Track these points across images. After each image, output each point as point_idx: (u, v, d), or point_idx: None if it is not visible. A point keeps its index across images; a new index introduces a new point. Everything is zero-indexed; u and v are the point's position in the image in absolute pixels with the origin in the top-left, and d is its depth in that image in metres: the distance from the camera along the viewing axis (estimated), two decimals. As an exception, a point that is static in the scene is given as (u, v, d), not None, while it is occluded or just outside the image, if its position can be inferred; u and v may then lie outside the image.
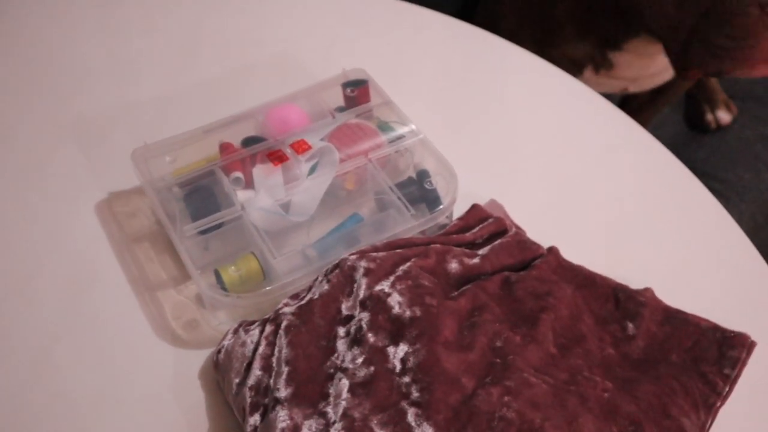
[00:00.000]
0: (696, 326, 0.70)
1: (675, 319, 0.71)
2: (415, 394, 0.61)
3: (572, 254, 0.74)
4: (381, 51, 0.97)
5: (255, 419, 0.63)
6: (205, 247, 0.74)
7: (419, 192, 0.77)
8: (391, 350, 0.63)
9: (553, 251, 0.74)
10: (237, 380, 0.65)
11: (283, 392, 0.62)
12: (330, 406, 0.61)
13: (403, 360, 0.62)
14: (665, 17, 0.87)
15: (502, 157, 0.86)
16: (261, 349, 0.65)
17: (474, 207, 0.78)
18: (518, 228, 0.77)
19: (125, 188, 0.81)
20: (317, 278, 0.69)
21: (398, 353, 0.63)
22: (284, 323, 0.66)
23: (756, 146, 1.32)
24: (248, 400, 0.63)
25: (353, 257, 0.69)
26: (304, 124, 0.80)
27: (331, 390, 0.62)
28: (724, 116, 1.34)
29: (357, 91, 0.82)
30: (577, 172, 0.85)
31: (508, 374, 0.62)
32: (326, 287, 0.68)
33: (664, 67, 0.97)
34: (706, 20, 0.85)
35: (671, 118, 1.37)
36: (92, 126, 0.87)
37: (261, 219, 0.73)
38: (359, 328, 0.64)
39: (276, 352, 0.65)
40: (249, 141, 0.78)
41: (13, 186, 0.82)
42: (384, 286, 0.66)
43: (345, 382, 0.62)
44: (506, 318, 0.68)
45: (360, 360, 0.63)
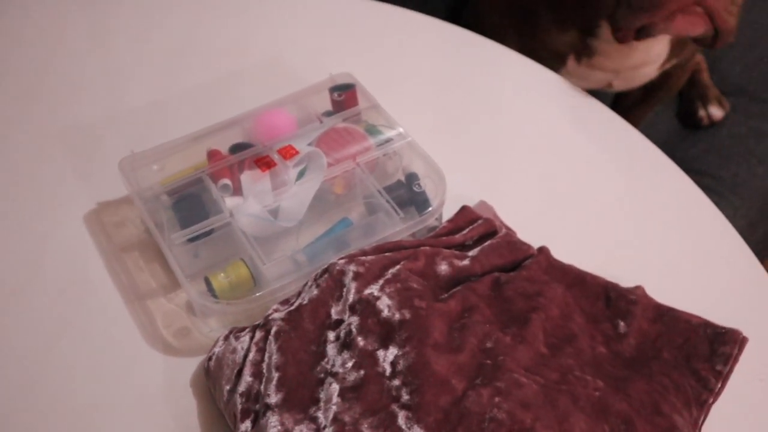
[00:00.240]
0: (687, 323, 0.70)
1: (666, 317, 0.71)
2: (406, 397, 0.61)
3: (563, 254, 0.74)
4: (368, 55, 0.97)
5: (246, 426, 0.62)
6: (195, 255, 0.74)
7: (408, 195, 0.77)
8: (381, 354, 0.63)
9: (544, 251, 0.74)
10: (228, 387, 0.65)
11: (274, 398, 0.62)
12: (320, 411, 0.61)
13: (393, 363, 0.62)
14: None
15: (492, 159, 0.86)
16: (251, 356, 0.65)
17: (463, 209, 0.78)
18: (508, 229, 0.77)
19: (114, 198, 0.80)
20: (307, 283, 0.69)
21: (388, 356, 0.63)
22: (274, 329, 0.66)
23: (749, 141, 1.32)
24: (239, 407, 0.63)
25: (342, 261, 0.69)
26: (292, 130, 0.80)
27: (322, 395, 0.62)
28: (717, 112, 1.34)
29: (344, 96, 0.82)
30: (567, 172, 0.85)
31: (499, 375, 0.62)
32: (316, 292, 0.67)
33: (645, 60, 0.97)
34: None
35: (664, 116, 1.37)
36: (80, 135, 0.87)
37: (250, 225, 0.73)
38: (349, 332, 0.64)
39: (266, 358, 0.65)
40: (237, 147, 0.78)
41: (2, 196, 0.82)
42: (373, 290, 0.66)
43: (335, 387, 0.62)
44: (496, 319, 0.67)
45: (350, 364, 0.63)
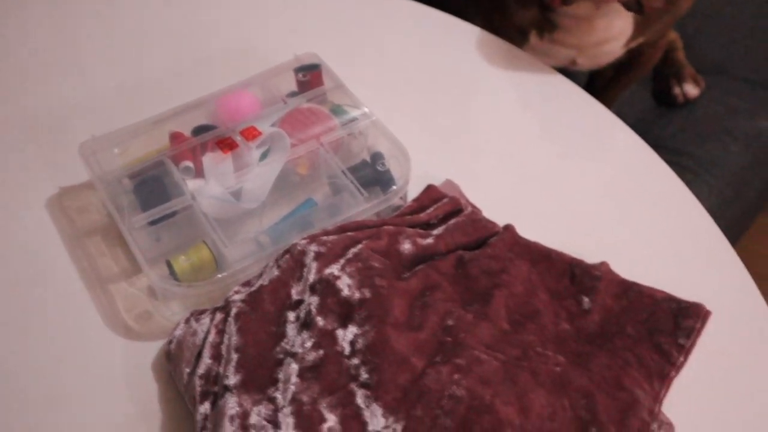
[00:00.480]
0: (651, 298, 0.70)
1: (631, 292, 0.71)
2: (364, 376, 0.60)
3: (529, 232, 0.74)
4: (333, 35, 0.96)
5: (205, 408, 0.62)
6: (157, 238, 0.73)
7: (373, 174, 0.77)
8: (340, 333, 0.63)
9: (509, 229, 0.74)
10: (188, 369, 0.64)
11: (233, 379, 0.62)
12: (279, 392, 0.61)
13: (352, 342, 0.62)
14: None
15: (458, 137, 0.86)
16: (211, 338, 0.65)
17: (429, 188, 0.77)
18: (474, 207, 0.77)
19: (76, 183, 0.80)
20: (268, 264, 0.69)
21: (347, 336, 0.62)
22: (234, 311, 0.65)
23: (724, 120, 1.31)
24: (198, 389, 0.63)
25: (303, 242, 0.68)
26: (256, 111, 0.79)
27: (281, 375, 0.62)
28: (692, 90, 1.33)
29: (309, 76, 0.82)
30: (534, 150, 0.85)
31: (459, 352, 0.62)
32: (276, 273, 0.67)
33: (607, 37, 0.97)
34: None
35: (639, 95, 1.37)
36: (41, 120, 0.86)
37: (212, 207, 0.72)
38: (308, 312, 0.64)
39: (226, 340, 0.64)
40: (199, 130, 0.78)
41: (-36, 184, 0.81)
42: (334, 269, 0.66)
43: (294, 367, 0.61)
44: (459, 296, 0.67)
45: (309, 344, 0.62)
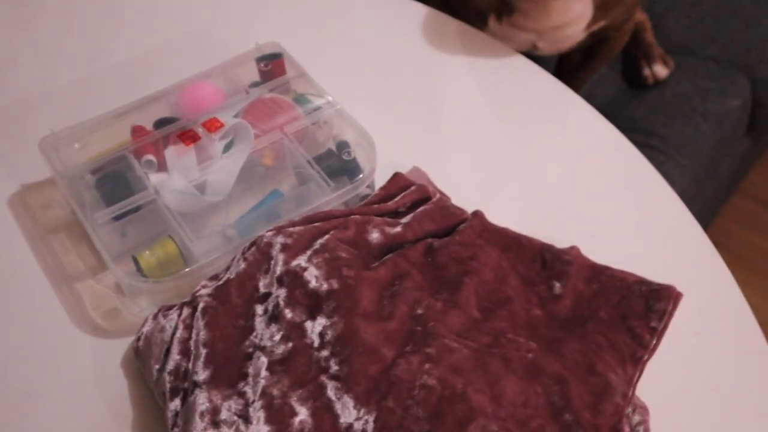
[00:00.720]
0: (623, 281, 0.69)
1: (602, 276, 0.70)
2: (334, 368, 0.60)
3: (498, 218, 0.73)
4: (294, 23, 0.95)
5: (175, 404, 0.61)
6: (122, 234, 0.72)
7: (339, 164, 0.76)
8: (309, 325, 0.62)
9: (478, 215, 0.73)
10: (157, 366, 0.63)
11: (202, 375, 0.61)
12: (249, 386, 0.60)
13: (321, 334, 0.61)
14: None
15: (424, 124, 0.85)
16: (179, 333, 0.64)
17: (396, 175, 0.76)
18: (442, 194, 0.76)
19: (37, 179, 0.78)
20: (234, 257, 0.68)
21: (316, 327, 0.62)
22: (201, 305, 0.64)
23: (694, 100, 1.31)
24: (168, 386, 0.62)
25: (270, 234, 0.67)
26: (218, 102, 0.78)
27: (250, 369, 0.61)
28: (661, 70, 1.33)
29: (271, 65, 0.81)
30: (501, 135, 0.84)
31: (429, 341, 0.61)
32: (243, 266, 0.66)
33: (565, 21, 0.96)
34: None
35: (609, 77, 1.36)
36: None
37: (176, 201, 0.71)
38: (276, 305, 0.63)
39: (193, 335, 0.63)
40: (161, 122, 0.76)
41: (-76, 184, 0.79)
42: (301, 261, 0.65)
43: (263, 360, 0.60)
44: (428, 285, 0.67)
45: (278, 337, 0.61)
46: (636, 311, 0.67)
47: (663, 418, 0.63)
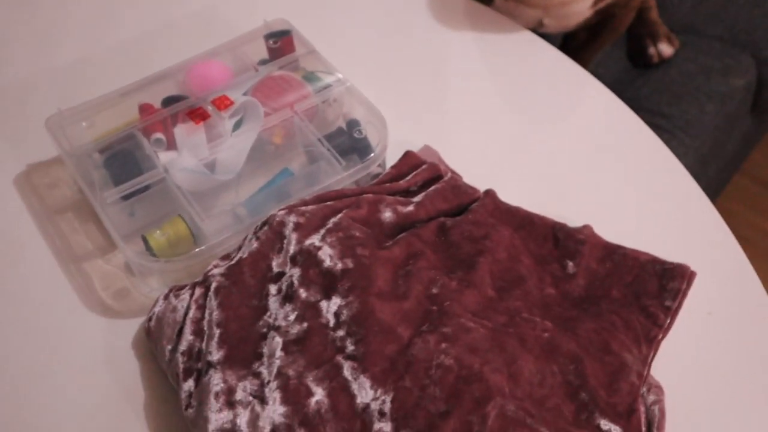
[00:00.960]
0: (636, 260, 0.69)
1: (615, 255, 0.70)
2: (351, 348, 0.59)
3: (510, 196, 0.73)
4: (303, 0, 0.94)
5: (189, 385, 0.61)
6: (131, 214, 0.71)
7: (349, 142, 0.75)
8: (324, 305, 0.61)
9: (490, 194, 0.72)
10: (169, 347, 0.63)
11: (216, 355, 0.60)
12: (264, 366, 0.59)
13: (337, 314, 0.61)
14: None
15: (435, 102, 0.84)
16: (191, 313, 0.63)
17: (407, 154, 0.76)
18: (453, 173, 0.76)
19: (44, 159, 0.77)
20: (247, 237, 0.67)
21: (331, 307, 0.61)
22: (214, 285, 0.64)
23: (699, 79, 1.31)
24: (181, 366, 0.61)
25: (282, 213, 0.67)
26: (227, 80, 0.77)
27: (265, 349, 0.60)
28: (666, 49, 1.32)
29: (280, 42, 0.80)
30: (513, 113, 0.83)
31: (445, 321, 0.61)
32: (255, 245, 0.65)
33: None
34: None
35: (614, 56, 1.35)
36: (5, 96, 0.84)
37: (185, 180, 0.71)
38: (290, 285, 0.62)
39: (207, 315, 0.63)
40: (169, 101, 0.76)
41: (-72, 164, 0.78)
42: (314, 240, 0.64)
43: (278, 341, 0.60)
44: (442, 264, 0.66)
45: (292, 317, 0.61)
46: (649, 290, 0.67)
47: (677, 398, 0.63)
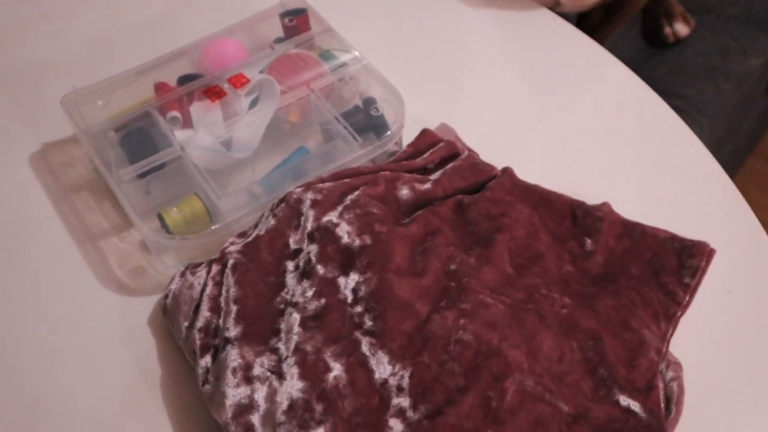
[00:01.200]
0: (655, 238, 0.69)
1: (634, 232, 0.69)
2: (368, 324, 0.59)
3: (527, 174, 0.72)
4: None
5: (206, 361, 0.61)
6: (147, 192, 0.71)
7: (366, 120, 0.75)
8: (342, 281, 0.61)
9: (508, 172, 0.72)
10: (186, 323, 0.63)
11: (233, 331, 0.60)
12: (281, 342, 0.59)
13: (355, 290, 0.60)
14: None
15: (452, 80, 0.84)
16: (208, 290, 0.63)
17: (424, 132, 0.75)
18: (471, 151, 0.75)
19: (59, 138, 0.77)
20: (263, 214, 0.67)
21: (349, 283, 0.61)
22: (231, 262, 0.63)
23: (715, 58, 1.29)
24: (198, 343, 0.61)
25: (299, 190, 0.66)
26: (242, 58, 0.77)
27: (282, 325, 0.60)
28: (682, 29, 1.31)
29: (296, 20, 0.79)
30: (531, 91, 0.83)
31: (463, 297, 0.60)
32: (273, 222, 0.65)
33: None
34: None
35: (628, 36, 1.34)
36: (19, 75, 0.84)
37: (202, 158, 0.70)
38: (308, 261, 0.62)
39: (224, 292, 0.62)
40: (185, 79, 0.75)
41: (-56, 143, 0.78)
42: (332, 217, 0.64)
43: (296, 317, 0.60)
44: (460, 241, 0.66)
45: (310, 293, 0.61)
46: (669, 267, 0.67)
47: (696, 375, 0.63)
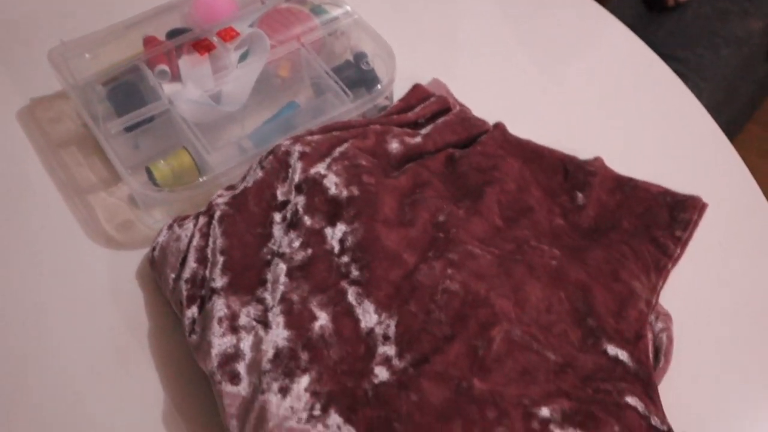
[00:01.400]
0: (647, 192, 0.68)
1: (626, 187, 0.69)
2: (355, 273, 0.58)
3: (520, 130, 0.72)
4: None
5: (192, 311, 0.60)
6: (135, 146, 0.71)
7: (357, 74, 0.74)
8: (329, 231, 0.61)
9: (499, 127, 0.71)
10: (173, 275, 0.62)
11: (219, 282, 0.60)
12: (268, 292, 0.59)
13: (342, 240, 0.60)
14: None
15: (444, 35, 0.83)
16: (195, 242, 0.63)
17: (415, 87, 0.75)
18: (462, 106, 0.74)
19: (47, 93, 0.77)
20: (251, 166, 0.66)
21: (336, 234, 0.60)
22: (218, 213, 0.63)
23: (714, 23, 1.28)
24: (184, 293, 0.61)
25: (287, 142, 0.66)
26: (233, 12, 0.76)
27: (269, 276, 0.60)
28: (682, -7, 1.30)
29: (286, -25, 0.78)
30: (526, 49, 0.82)
31: (451, 247, 0.60)
32: (260, 174, 0.65)
33: None
34: None
35: (629, 1, 1.33)
36: (6, 29, 0.83)
37: (190, 111, 0.70)
38: (295, 212, 0.62)
39: (211, 243, 0.62)
40: (174, 33, 0.74)
41: (-68, 99, 0.78)
42: (320, 169, 0.63)
43: (282, 267, 0.59)
44: (449, 194, 0.65)
45: (297, 244, 0.60)
46: (660, 221, 0.66)
47: (685, 326, 0.62)
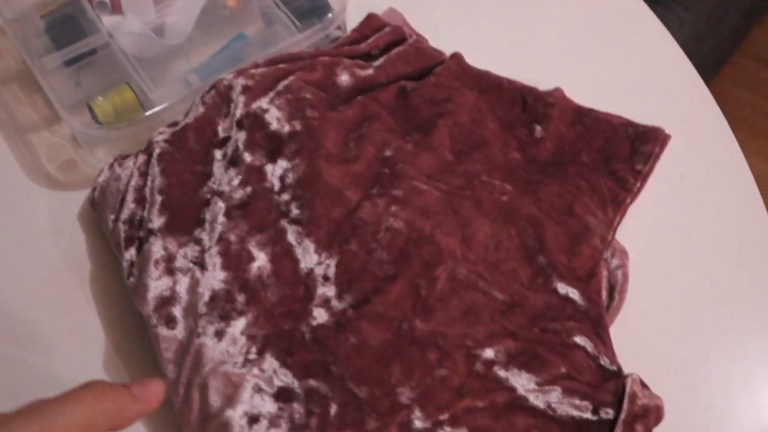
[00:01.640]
0: (608, 124, 0.66)
1: (586, 118, 0.66)
2: (295, 212, 0.56)
3: (481, 62, 0.69)
4: None
5: (131, 254, 0.58)
6: (77, 83, 0.68)
7: (308, 4, 0.70)
8: (269, 168, 0.58)
9: (456, 57, 0.68)
10: (112, 216, 0.60)
11: (156, 222, 0.57)
12: (205, 232, 0.57)
13: (282, 177, 0.58)
14: None
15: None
16: (134, 181, 0.60)
17: (369, 17, 0.71)
18: (419, 36, 0.71)
19: (-16, 28, 0.73)
20: (194, 102, 0.64)
21: (276, 171, 0.58)
22: (157, 151, 0.61)
23: (698, -52, 1.24)
24: (123, 235, 0.59)
25: (230, 76, 0.63)
26: (177, -60, 0.72)
27: (207, 215, 0.58)
28: None
29: None
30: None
31: (396, 183, 0.57)
32: (201, 110, 0.62)
33: None
34: None
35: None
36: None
37: (131, 45, 0.67)
38: (236, 149, 0.59)
39: (149, 183, 0.60)
40: (115, -38, 0.71)
41: None
42: (262, 103, 0.61)
43: (221, 206, 0.57)
44: (399, 127, 0.63)
45: (236, 181, 0.58)
46: (620, 154, 0.64)
47: (644, 263, 0.60)
